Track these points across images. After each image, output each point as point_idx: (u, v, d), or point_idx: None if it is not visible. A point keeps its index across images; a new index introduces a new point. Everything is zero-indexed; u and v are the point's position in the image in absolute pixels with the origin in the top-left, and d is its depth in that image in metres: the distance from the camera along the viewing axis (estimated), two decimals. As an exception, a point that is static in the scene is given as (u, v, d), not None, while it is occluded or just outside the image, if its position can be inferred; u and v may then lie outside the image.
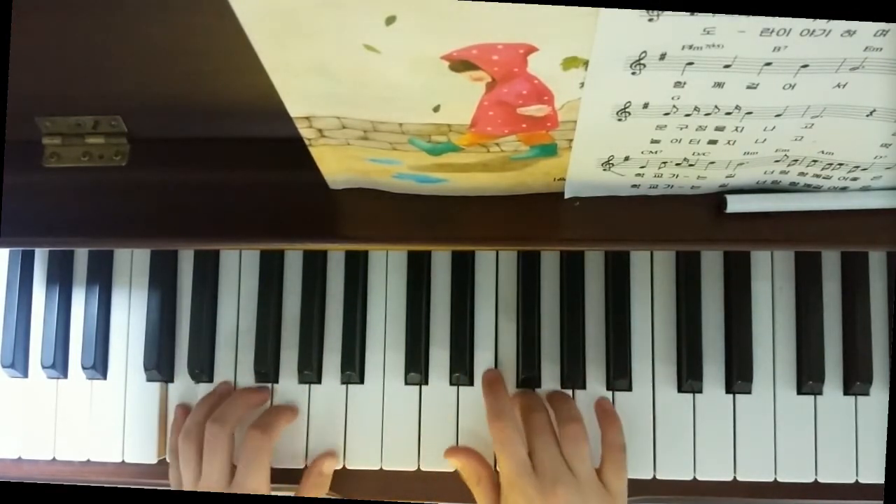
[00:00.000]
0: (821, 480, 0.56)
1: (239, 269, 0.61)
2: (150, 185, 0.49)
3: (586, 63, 0.33)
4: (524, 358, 0.58)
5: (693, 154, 0.41)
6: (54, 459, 0.61)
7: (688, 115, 0.37)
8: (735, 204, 0.46)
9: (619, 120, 0.37)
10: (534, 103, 0.36)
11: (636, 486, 0.56)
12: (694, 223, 0.47)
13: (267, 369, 0.59)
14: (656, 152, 0.41)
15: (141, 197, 0.49)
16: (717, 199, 0.47)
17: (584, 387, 0.58)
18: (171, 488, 0.57)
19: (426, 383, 0.58)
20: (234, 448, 0.55)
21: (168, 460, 0.58)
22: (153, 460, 0.59)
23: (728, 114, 0.37)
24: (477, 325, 0.59)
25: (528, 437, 0.52)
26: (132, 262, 0.62)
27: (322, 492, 0.57)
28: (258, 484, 0.53)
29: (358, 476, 0.58)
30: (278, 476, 0.56)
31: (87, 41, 0.43)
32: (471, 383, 0.58)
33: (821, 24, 0.31)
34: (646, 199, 0.47)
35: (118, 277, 0.62)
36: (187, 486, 0.54)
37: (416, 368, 0.58)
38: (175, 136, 0.50)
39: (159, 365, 0.60)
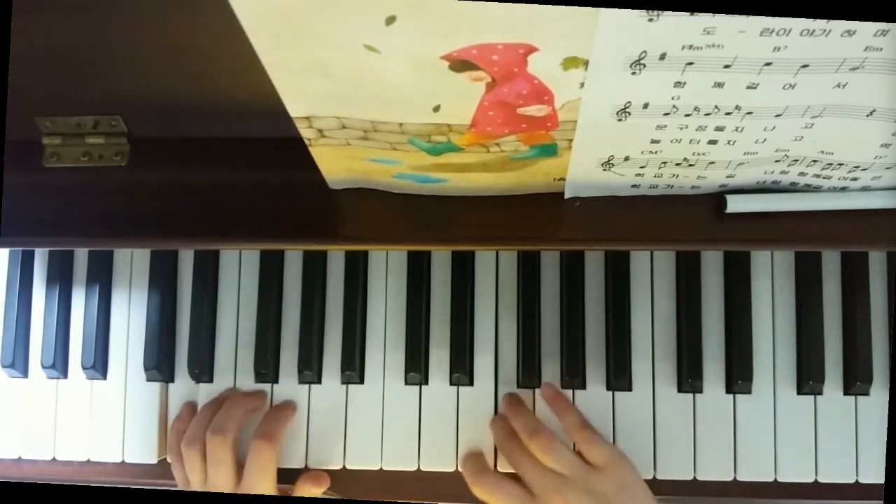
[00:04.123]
0: (821, 480, 0.56)
1: (239, 269, 0.61)
2: (150, 185, 0.49)
3: (586, 63, 0.33)
4: (524, 358, 0.58)
5: (693, 154, 0.41)
6: (54, 459, 0.60)
7: (688, 116, 0.37)
8: (735, 204, 0.46)
9: (619, 120, 0.37)
10: (534, 103, 0.36)
11: (636, 486, 0.56)
12: (694, 223, 0.47)
13: (267, 369, 0.59)
14: (656, 152, 0.41)
15: (141, 197, 0.49)
16: (717, 199, 0.47)
17: (583, 387, 0.57)
18: (178, 487, 0.57)
19: (426, 383, 0.58)
20: (237, 452, 0.55)
21: (169, 460, 0.58)
22: (153, 460, 0.59)
23: (728, 114, 0.37)
24: (477, 326, 0.59)
25: (511, 462, 0.53)
26: (132, 262, 0.62)
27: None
28: (266, 491, 0.54)
29: (358, 476, 0.58)
30: (277, 476, 0.56)
31: (87, 41, 0.43)
32: (471, 383, 0.58)
33: (821, 24, 0.31)
34: (646, 199, 0.47)
35: (118, 277, 0.62)
36: (196, 488, 0.55)
37: (416, 368, 0.58)
38: (175, 136, 0.50)
39: (159, 365, 0.60)
